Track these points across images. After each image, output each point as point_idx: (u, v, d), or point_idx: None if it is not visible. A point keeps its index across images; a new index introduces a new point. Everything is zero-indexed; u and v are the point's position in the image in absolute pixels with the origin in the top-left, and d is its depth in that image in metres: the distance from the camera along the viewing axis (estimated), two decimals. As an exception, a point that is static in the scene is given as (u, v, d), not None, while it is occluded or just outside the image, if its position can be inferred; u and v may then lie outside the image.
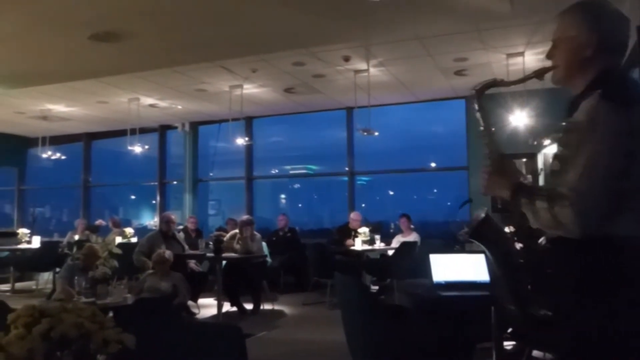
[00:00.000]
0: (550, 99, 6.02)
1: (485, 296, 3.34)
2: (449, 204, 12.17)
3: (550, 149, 6.77)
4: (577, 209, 1.43)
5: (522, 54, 6.38)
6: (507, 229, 2.00)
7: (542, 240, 1.70)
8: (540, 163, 7.75)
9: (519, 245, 1.82)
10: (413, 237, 7.87)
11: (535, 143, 7.15)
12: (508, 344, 3.91)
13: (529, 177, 7.41)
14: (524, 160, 8.10)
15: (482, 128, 1.83)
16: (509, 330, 3.87)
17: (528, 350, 3.77)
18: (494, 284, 3.40)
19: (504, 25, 5.58)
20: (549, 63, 1.76)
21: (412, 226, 8.05)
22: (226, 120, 8.84)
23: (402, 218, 8.11)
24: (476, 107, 1.85)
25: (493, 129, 1.84)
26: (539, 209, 1.53)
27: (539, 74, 1.76)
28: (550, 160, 1.78)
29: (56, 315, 1.16)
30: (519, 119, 6.96)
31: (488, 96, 1.80)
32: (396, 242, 7.83)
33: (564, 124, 1.61)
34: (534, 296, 1.65)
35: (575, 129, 1.53)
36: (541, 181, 7.29)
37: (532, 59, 6.48)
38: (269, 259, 7.96)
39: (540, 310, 1.62)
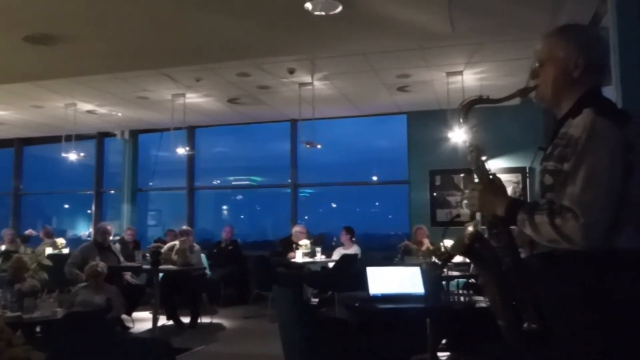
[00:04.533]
0: (487, 116, 6.25)
1: (420, 308, 3.40)
2: (390, 216, 12.37)
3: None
4: (583, 221, 1.44)
5: (461, 72, 6.61)
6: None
7: (525, 256, 1.70)
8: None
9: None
10: (354, 249, 7.92)
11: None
12: (443, 355, 3.99)
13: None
14: (462, 175, 8.37)
15: (468, 145, 1.86)
16: (444, 341, 3.96)
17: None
18: (429, 297, 3.47)
19: (445, 45, 5.76)
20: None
21: (353, 239, 8.11)
22: (168, 129, 8.66)
23: (344, 231, 8.15)
24: (462, 122, 1.90)
25: (480, 146, 1.86)
26: (538, 223, 1.52)
27: (523, 93, 1.82)
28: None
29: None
30: (458, 135, 7.18)
31: (429, 113, 1.84)
32: (337, 254, 7.85)
33: (556, 139, 1.63)
34: (527, 313, 1.63)
35: (572, 144, 1.54)
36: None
37: (470, 77, 6.73)
38: (208, 272, 7.83)
39: (532, 325, 1.61)
